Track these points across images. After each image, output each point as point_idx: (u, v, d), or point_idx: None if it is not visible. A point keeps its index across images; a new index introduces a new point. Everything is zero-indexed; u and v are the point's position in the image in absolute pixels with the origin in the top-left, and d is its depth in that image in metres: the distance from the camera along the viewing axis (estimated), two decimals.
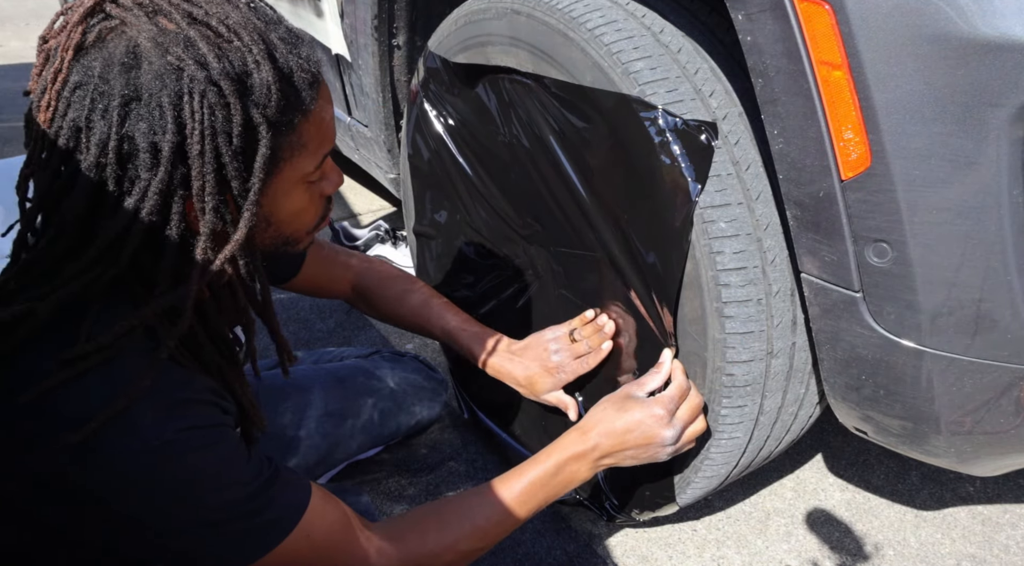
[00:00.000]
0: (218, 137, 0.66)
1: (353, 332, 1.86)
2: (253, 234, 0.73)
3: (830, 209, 0.82)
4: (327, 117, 0.76)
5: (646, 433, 0.95)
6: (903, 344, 0.84)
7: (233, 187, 0.69)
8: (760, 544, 1.31)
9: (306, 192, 0.78)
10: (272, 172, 0.72)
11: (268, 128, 0.68)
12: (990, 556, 1.29)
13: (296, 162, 0.74)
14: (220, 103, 0.66)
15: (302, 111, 0.71)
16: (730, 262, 0.91)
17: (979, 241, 0.76)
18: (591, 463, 0.96)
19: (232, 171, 0.68)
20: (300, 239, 0.83)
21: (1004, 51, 0.68)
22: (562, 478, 0.95)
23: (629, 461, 0.98)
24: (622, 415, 0.96)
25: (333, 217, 2.36)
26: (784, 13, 0.76)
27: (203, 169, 0.66)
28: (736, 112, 0.93)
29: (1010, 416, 0.86)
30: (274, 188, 0.74)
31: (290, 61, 0.70)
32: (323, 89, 0.75)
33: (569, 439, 0.97)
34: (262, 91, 0.67)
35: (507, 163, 1.20)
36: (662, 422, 0.95)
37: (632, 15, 0.98)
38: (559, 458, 0.95)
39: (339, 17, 1.61)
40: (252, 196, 0.70)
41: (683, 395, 0.97)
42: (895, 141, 0.75)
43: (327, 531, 0.80)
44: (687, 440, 0.97)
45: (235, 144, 0.67)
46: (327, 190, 0.82)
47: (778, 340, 0.95)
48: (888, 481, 1.44)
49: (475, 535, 0.89)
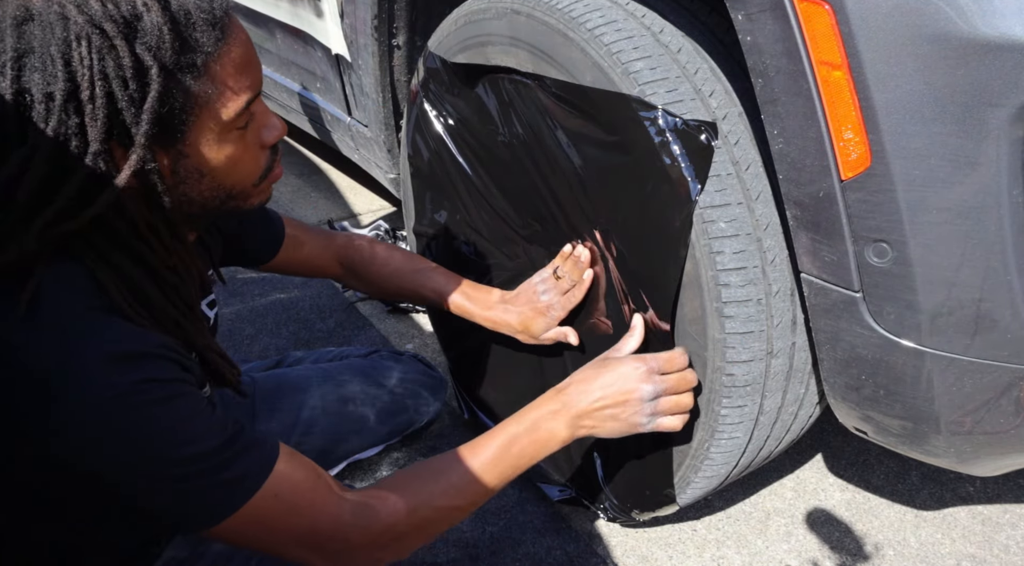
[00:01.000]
0: (111, 82, 0.66)
1: (353, 332, 1.86)
2: (178, 186, 0.74)
3: (830, 209, 0.81)
4: (243, 59, 0.74)
5: (623, 388, 0.92)
6: (903, 344, 0.84)
7: (132, 133, 0.68)
8: (760, 544, 1.31)
9: (239, 140, 0.76)
10: (185, 120, 0.71)
11: (160, 71, 0.67)
12: (990, 556, 1.29)
13: (214, 108, 0.72)
14: (107, 47, 0.65)
15: (205, 53, 0.70)
16: (730, 262, 0.91)
17: (979, 241, 0.76)
18: (568, 422, 0.93)
19: (129, 117, 0.67)
20: (247, 193, 0.81)
21: (1004, 51, 0.68)
22: (539, 436, 0.93)
23: (609, 424, 0.94)
24: (600, 372, 0.94)
25: (333, 217, 2.36)
26: (784, 13, 0.76)
27: (95, 115, 0.66)
28: (736, 112, 0.93)
29: (1010, 416, 0.86)
30: (196, 136, 0.72)
31: (186, 3, 0.69)
32: (233, 30, 0.73)
33: (545, 397, 0.95)
34: (153, 34, 0.66)
35: (507, 163, 1.20)
36: (641, 377, 0.92)
37: (632, 15, 0.98)
38: (535, 416, 0.93)
39: (339, 17, 1.61)
40: (140, 139, 0.68)
41: (674, 363, 0.95)
42: (895, 141, 0.75)
43: (296, 489, 0.79)
44: (669, 408, 0.94)
45: (130, 89, 0.66)
46: (267, 139, 0.80)
47: (778, 340, 0.95)
48: (888, 481, 1.44)
49: (449, 493, 0.87)
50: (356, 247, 1.27)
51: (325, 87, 1.86)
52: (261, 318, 1.91)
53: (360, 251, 1.26)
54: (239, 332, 1.86)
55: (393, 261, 1.27)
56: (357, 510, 0.82)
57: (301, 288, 2.03)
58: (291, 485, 0.78)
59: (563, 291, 1.13)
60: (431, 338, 1.83)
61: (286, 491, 0.78)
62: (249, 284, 2.05)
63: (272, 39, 2.01)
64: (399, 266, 1.26)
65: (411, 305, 1.91)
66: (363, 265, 1.26)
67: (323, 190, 2.57)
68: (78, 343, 0.67)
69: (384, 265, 1.26)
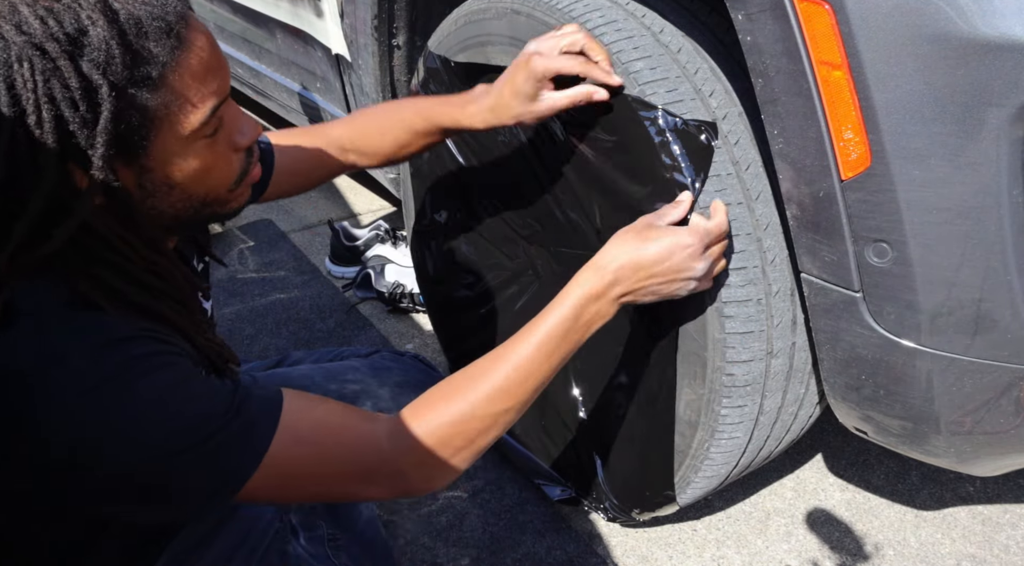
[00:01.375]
0: (59, 105, 0.62)
1: (353, 332, 1.86)
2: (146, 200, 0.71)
3: (830, 209, 0.81)
4: (205, 65, 0.69)
5: (676, 266, 0.85)
6: (903, 344, 0.84)
7: (89, 155, 0.64)
8: (760, 544, 1.31)
9: (208, 148, 0.72)
10: (145, 134, 0.67)
11: (111, 89, 0.63)
12: (990, 556, 1.29)
13: (176, 120, 0.68)
14: (50, 68, 0.61)
15: (160, 64, 0.65)
16: (730, 262, 0.91)
17: (979, 241, 0.76)
18: (611, 301, 0.86)
19: (84, 140, 0.63)
20: (223, 199, 0.78)
21: (1004, 51, 0.68)
22: (583, 322, 0.85)
23: (648, 297, 0.88)
24: (646, 245, 0.85)
25: (333, 217, 2.36)
26: (784, 13, 0.76)
27: (45, 140, 0.62)
28: (736, 112, 0.93)
29: (1010, 416, 0.86)
30: (160, 150, 0.69)
31: (136, 11, 0.64)
32: (191, 35, 0.68)
33: (584, 276, 0.86)
34: (100, 49, 0.62)
35: (507, 163, 1.20)
36: (695, 254, 0.85)
37: (632, 15, 0.98)
38: (576, 300, 0.85)
39: (339, 17, 1.61)
40: (97, 161, 0.64)
41: (722, 235, 0.88)
42: (895, 141, 0.75)
43: (319, 427, 0.75)
44: (711, 277, 0.89)
45: (81, 110, 0.62)
46: (240, 143, 0.76)
47: (778, 340, 0.95)
48: (888, 481, 1.44)
49: (497, 396, 0.81)
50: (353, 126, 1.15)
51: (325, 87, 1.86)
52: (261, 318, 1.91)
53: (356, 129, 1.15)
54: (239, 332, 1.86)
55: (382, 119, 1.14)
56: (395, 433, 0.77)
57: (301, 288, 2.03)
58: (311, 424, 0.75)
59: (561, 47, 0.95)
60: (431, 338, 1.83)
61: (307, 431, 0.74)
62: (249, 284, 2.05)
63: (272, 39, 2.01)
64: (389, 122, 1.13)
65: (411, 305, 1.91)
66: (361, 140, 1.15)
67: (323, 190, 2.57)
68: (60, 341, 0.65)
69: (379, 129, 1.13)
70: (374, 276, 1.95)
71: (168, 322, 0.75)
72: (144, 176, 0.70)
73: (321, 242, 2.26)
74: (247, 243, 2.24)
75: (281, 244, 2.23)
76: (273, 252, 2.19)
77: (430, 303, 1.55)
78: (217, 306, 1.94)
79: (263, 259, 2.16)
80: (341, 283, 2.07)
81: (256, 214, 2.39)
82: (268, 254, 2.18)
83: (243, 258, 2.17)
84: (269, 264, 2.14)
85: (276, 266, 2.13)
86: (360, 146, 1.14)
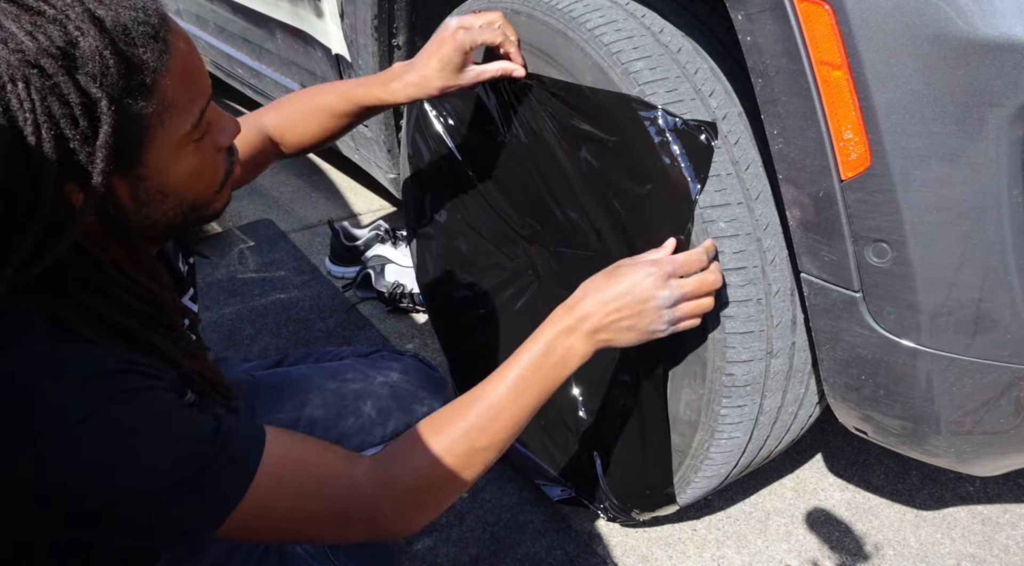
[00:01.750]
0: (59, 123, 0.60)
1: (353, 332, 1.86)
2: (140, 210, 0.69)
3: (830, 209, 0.82)
4: (190, 67, 0.69)
5: (639, 295, 0.85)
6: (903, 344, 0.84)
7: (89, 172, 0.63)
8: (760, 544, 1.31)
9: (195, 152, 0.72)
10: (141, 143, 0.66)
11: (110, 102, 0.61)
12: (990, 556, 1.29)
13: (169, 125, 0.67)
14: (48, 86, 0.59)
15: (151, 70, 0.64)
16: (730, 262, 0.91)
17: (979, 241, 0.76)
18: (584, 336, 0.86)
19: (84, 157, 0.62)
20: (209, 201, 0.77)
21: (1004, 51, 0.68)
22: (556, 357, 0.85)
23: (626, 334, 0.87)
24: (612, 281, 0.87)
25: (333, 217, 2.36)
26: (784, 13, 0.76)
27: (44, 161, 0.59)
28: (736, 112, 0.93)
29: (1010, 416, 0.86)
30: (154, 158, 0.68)
31: (121, 18, 0.62)
32: (173, 38, 0.67)
33: (556, 314, 0.88)
34: (94, 60, 0.60)
35: (507, 163, 1.20)
36: (657, 282, 0.85)
37: (632, 15, 0.98)
38: (548, 336, 0.85)
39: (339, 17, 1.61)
40: (97, 177, 0.62)
41: (692, 264, 0.87)
42: (895, 141, 0.75)
43: (300, 466, 0.74)
44: (689, 312, 0.88)
45: (81, 126, 0.61)
46: (222, 142, 0.76)
47: (778, 340, 0.95)
48: (888, 481, 1.44)
49: (471, 435, 0.81)
50: (274, 117, 1.15)
51: None
52: (261, 318, 1.91)
53: (277, 120, 1.14)
54: (239, 332, 1.86)
55: (299, 102, 1.15)
56: (373, 473, 0.77)
57: (301, 288, 2.03)
58: (292, 462, 0.74)
59: (482, 20, 1.04)
60: (431, 338, 1.83)
61: (288, 470, 0.73)
62: (249, 284, 2.05)
63: (272, 39, 2.01)
64: (311, 109, 1.14)
65: (411, 305, 1.91)
66: (282, 131, 1.15)
67: (323, 190, 2.57)
68: (44, 376, 0.63)
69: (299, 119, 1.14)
70: (374, 276, 1.95)
71: (154, 350, 0.74)
72: (139, 186, 0.69)
73: (321, 242, 2.26)
74: (247, 243, 2.24)
75: (281, 244, 2.23)
76: (273, 252, 2.19)
77: (430, 303, 1.55)
78: (217, 306, 1.94)
79: (263, 259, 2.16)
80: (341, 283, 2.07)
81: (256, 214, 2.39)
82: (268, 254, 2.18)
83: (243, 258, 2.17)
84: (269, 264, 2.14)
85: (276, 266, 2.13)
86: (286, 136, 1.15)
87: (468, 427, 0.81)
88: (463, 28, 1.02)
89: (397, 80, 1.07)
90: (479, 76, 1.06)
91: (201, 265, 2.10)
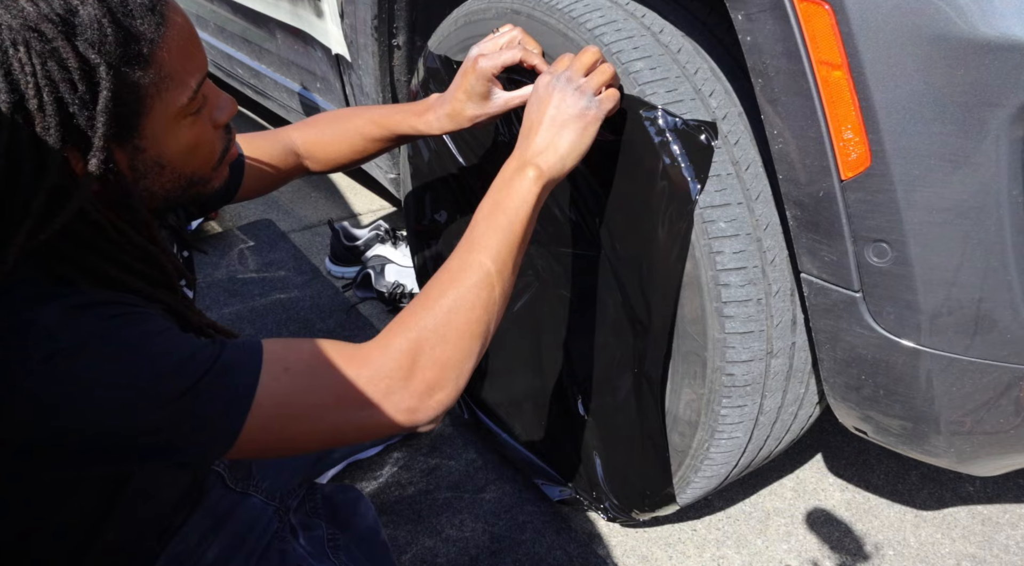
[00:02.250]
0: (59, 87, 0.62)
1: (353, 332, 1.86)
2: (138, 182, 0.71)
3: (830, 209, 0.82)
4: (187, 41, 0.71)
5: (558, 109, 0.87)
6: (903, 344, 0.84)
7: (89, 136, 0.65)
8: (760, 544, 1.31)
9: (192, 126, 0.74)
10: (139, 112, 0.68)
11: (109, 69, 0.64)
12: (990, 556, 1.29)
13: (167, 96, 0.70)
14: (48, 50, 0.61)
15: (149, 41, 0.67)
16: (730, 262, 0.91)
17: (979, 241, 0.76)
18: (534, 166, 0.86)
19: (83, 120, 0.64)
20: (207, 177, 0.79)
21: (1004, 51, 0.68)
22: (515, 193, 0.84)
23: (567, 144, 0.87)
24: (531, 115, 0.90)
25: (333, 217, 2.36)
26: (784, 13, 0.76)
27: (46, 124, 0.62)
28: (736, 112, 0.93)
29: (1010, 416, 0.86)
30: (151, 129, 0.70)
31: None
32: (170, 12, 0.70)
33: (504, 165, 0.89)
34: (93, 28, 0.63)
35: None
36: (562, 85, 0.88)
37: (632, 15, 0.98)
38: (500, 182, 0.86)
39: (339, 17, 1.61)
40: (97, 141, 0.65)
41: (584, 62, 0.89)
42: (895, 141, 0.75)
43: (303, 354, 0.73)
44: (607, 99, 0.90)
45: (80, 90, 0.63)
46: (220, 119, 0.78)
47: (778, 340, 0.95)
48: (888, 481, 1.44)
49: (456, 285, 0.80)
50: (305, 132, 1.17)
51: (325, 87, 1.86)
52: (261, 318, 1.91)
53: (310, 134, 1.17)
54: (239, 332, 1.86)
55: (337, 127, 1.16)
56: (374, 345, 0.76)
57: (301, 288, 2.03)
58: (297, 354, 0.73)
59: (502, 42, 1.01)
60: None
61: (294, 360, 0.73)
62: (249, 284, 2.05)
63: (272, 39, 2.01)
64: (345, 128, 1.16)
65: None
66: (314, 147, 1.17)
67: (323, 190, 2.57)
68: (37, 309, 0.64)
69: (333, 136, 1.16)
70: (374, 276, 1.95)
71: (157, 300, 0.75)
72: (137, 157, 0.71)
73: (321, 242, 2.26)
74: (247, 243, 2.24)
75: (281, 244, 2.23)
76: (273, 252, 2.19)
77: None
78: (217, 306, 1.94)
79: (263, 259, 2.16)
80: (341, 283, 2.07)
81: (256, 214, 2.39)
82: (268, 254, 2.18)
83: (243, 258, 2.17)
84: (269, 264, 2.14)
85: (276, 266, 2.13)
86: (315, 153, 1.17)
87: (450, 275, 0.80)
88: (482, 55, 1.01)
89: (431, 112, 1.08)
90: (507, 103, 1.03)
91: (201, 265, 2.10)
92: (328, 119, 1.18)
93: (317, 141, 1.16)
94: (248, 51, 2.24)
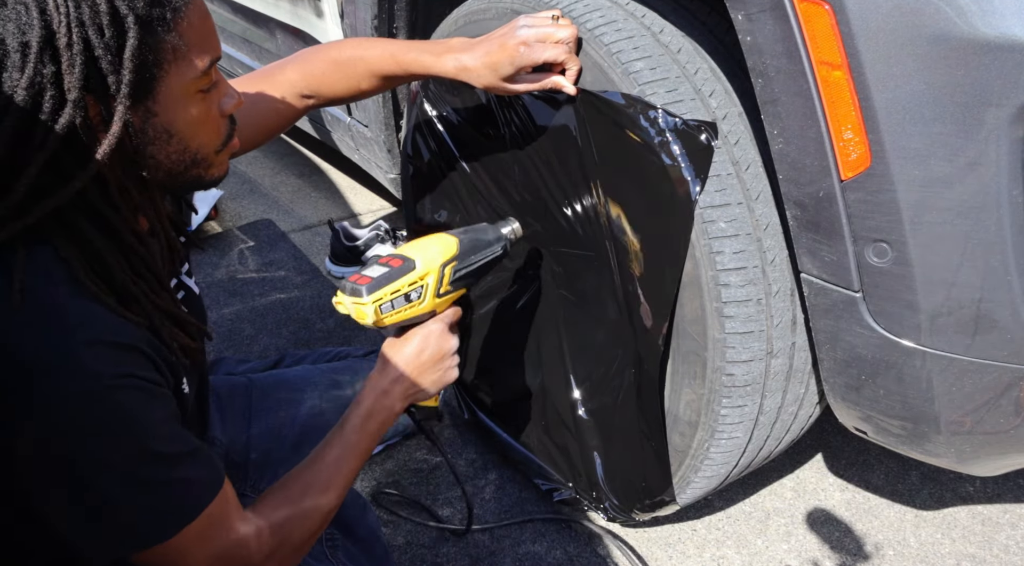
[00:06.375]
0: (87, 29, 0.66)
1: (353, 332, 1.86)
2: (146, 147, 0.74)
3: (830, 209, 0.82)
4: (205, 21, 0.76)
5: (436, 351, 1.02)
6: (903, 344, 0.84)
7: (110, 83, 0.68)
8: (760, 544, 1.31)
9: (201, 102, 0.78)
10: (156, 75, 0.72)
11: (136, 21, 0.68)
12: (990, 556, 1.29)
13: (180, 66, 0.73)
14: None
15: (173, 9, 0.71)
16: (730, 262, 0.91)
17: (979, 241, 0.76)
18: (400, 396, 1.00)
19: (107, 65, 0.67)
20: (209, 161, 0.82)
21: (1004, 51, 0.68)
22: (377, 419, 0.98)
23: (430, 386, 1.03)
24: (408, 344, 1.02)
25: (333, 217, 2.36)
26: (784, 13, 0.76)
27: (72, 62, 0.66)
28: (736, 112, 0.93)
29: (1010, 416, 0.86)
30: (164, 94, 0.73)
31: None
32: None
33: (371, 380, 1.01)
34: None
35: (507, 163, 1.20)
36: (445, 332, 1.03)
37: (632, 15, 0.98)
38: (368, 404, 0.98)
39: (339, 17, 1.61)
40: (124, 88, 0.69)
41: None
42: (895, 141, 0.75)
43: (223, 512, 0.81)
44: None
45: (106, 36, 0.67)
46: (226, 107, 0.82)
47: (778, 340, 0.95)
48: (888, 481, 1.44)
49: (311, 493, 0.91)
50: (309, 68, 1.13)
51: None
52: (261, 318, 1.91)
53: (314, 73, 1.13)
54: (239, 332, 1.86)
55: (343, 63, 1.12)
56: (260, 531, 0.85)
57: (301, 288, 2.03)
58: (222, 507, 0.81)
59: (555, 39, 0.97)
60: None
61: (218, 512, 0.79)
62: (249, 284, 2.05)
63: (272, 39, 2.01)
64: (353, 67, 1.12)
65: None
66: (321, 86, 1.13)
67: (323, 190, 2.57)
68: (64, 331, 0.68)
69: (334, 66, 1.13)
70: None
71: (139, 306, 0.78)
72: (148, 120, 0.74)
73: (321, 242, 2.26)
74: (247, 243, 2.24)
75: (281, 244, 2.23)
76: (273, 252, 2.19)
77: None
78: (217, 306, 1.94)
79: (263, 259, 2.16)
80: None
81: (256, 214, 2.39)
82: (268, 254, 2.18)
83: (243, 258, 2.17)
84: (269, 264, 2.14)
85: (276, 266, 2.13)
86: (320, 91, 1.13)
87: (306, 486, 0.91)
88: (525, 44, 0.97)
89: (451, 54, 1.03)
90: (528, 89, 1.01)
91: (201, 265, 2.10)
92: (331, 52, 1.13)
93: (323, 79, 1.12)
94: (248, 51, 2.24)
